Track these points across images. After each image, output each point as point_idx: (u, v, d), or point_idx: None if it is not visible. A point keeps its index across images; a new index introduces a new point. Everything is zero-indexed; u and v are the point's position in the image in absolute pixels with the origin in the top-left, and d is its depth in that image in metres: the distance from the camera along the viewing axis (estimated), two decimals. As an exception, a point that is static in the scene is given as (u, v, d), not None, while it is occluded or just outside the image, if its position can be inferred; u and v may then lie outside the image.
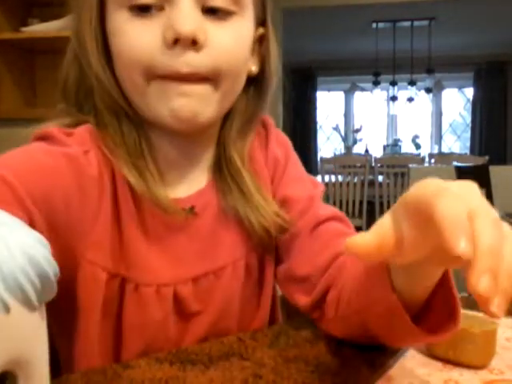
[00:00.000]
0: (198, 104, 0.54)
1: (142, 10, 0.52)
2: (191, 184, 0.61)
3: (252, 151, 0.65)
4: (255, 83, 0.63)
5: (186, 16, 0.51)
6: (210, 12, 0.53)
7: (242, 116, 0.63)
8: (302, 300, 0.61)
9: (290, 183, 0.66)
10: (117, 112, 0.57)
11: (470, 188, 0.35)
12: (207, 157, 0.63)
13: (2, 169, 0.48)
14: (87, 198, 0.53)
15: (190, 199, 0.60)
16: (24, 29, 1.95)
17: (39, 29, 1.93)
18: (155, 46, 0.52)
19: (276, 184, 0.66)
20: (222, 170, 0.62)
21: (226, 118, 0.62)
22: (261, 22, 0.61)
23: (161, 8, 0.52)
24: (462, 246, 0.30)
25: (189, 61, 0.52)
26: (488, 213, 0.32)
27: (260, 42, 0.62)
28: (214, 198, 0.62)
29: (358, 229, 0.88)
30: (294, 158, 0.70)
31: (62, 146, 0.53)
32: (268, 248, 0.65)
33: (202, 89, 0.54)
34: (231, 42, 0.54)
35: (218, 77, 0.54)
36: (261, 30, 0.61)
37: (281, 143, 0.69)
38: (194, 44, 0.51)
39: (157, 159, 0.59)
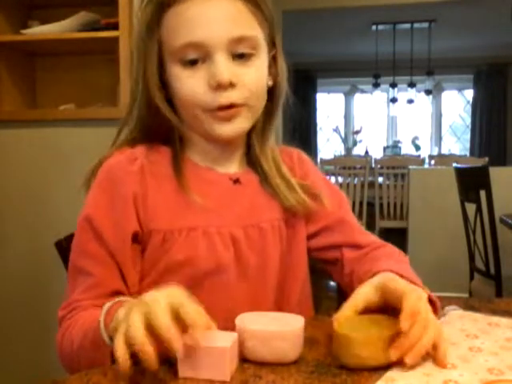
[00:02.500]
0: (236, 125, 0.76)
1: (190, 63, 0.74)
2: (241, 167, 0.84)
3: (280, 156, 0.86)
4: (269, 94, 0.81)
5: (223, 68, 0.72)
6: (237, 57, 0.74)
7: (261, 122, 0.83)
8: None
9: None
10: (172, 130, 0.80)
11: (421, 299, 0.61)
12: (239, 153, 0.84)
13: None
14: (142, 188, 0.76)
15: (236, 175, 0.82)
16: (24, 31, 1.94)
17: (39, 31, 1.93)
18: (202, 89, 0.74)
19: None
20: (252, 162, 0.84)
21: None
22: (272, 44, 0.80)
23: (203, 61, 0.74)
24: (404, 327, 0.55)
25: (227, 96, 0.73)
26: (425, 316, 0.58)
27: (273, 59, 0.81)
28: (255, 178, 0.83)
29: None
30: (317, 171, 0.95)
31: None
32: (296, 222, 0.84)
33: (241, 111, 0.75)
34: (254, 78, 0.76)
35: (248, 102, 0.76)
36: (273, 51, 0.81)
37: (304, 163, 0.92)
38: (230, 85, 0.73)
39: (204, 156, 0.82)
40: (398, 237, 4.46)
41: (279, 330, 0.57)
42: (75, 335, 0.68)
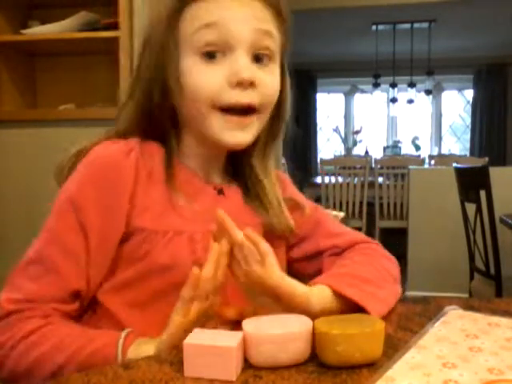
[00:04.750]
0: (248, 135, 0.73)
1: (209, 57, 0.70)
2: (223, 178, 0.81)
3: None
4: (275, 109, 0.78)
5: (246, 65, 0.70)
6: (255, 61, 0.72)
7: (263, 137, 0.80)
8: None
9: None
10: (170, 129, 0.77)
11: None
12: (222, 163, 0.81)
13: None
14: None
15: (220, 185, 0.79)
16: (24, 31, 1.95)
17: (39, 31, 1.93)
18: (220, 85, 0.70)
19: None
20: (245, 176, 0.81)
21: None
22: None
23: (223, 54, 0.70)
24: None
25: (247, 96, 0.70)
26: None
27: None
28: (239, 193, 0.81)
29: (358, 230, 0.89)
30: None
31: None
32: (275, 239, 0.79)
33: (251, 120, 0.72)
34: (272, 82, 0.74)
35: (263, 108, 0.73)
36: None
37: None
38: (251, 85, 0.70)
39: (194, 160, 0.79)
40: (398, 237, 4.46)
41: (296, 331, 0.56)
42: (51, 354, 0.63)
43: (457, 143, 7.44)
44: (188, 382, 0.53)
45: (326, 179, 4.68)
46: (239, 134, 0.72)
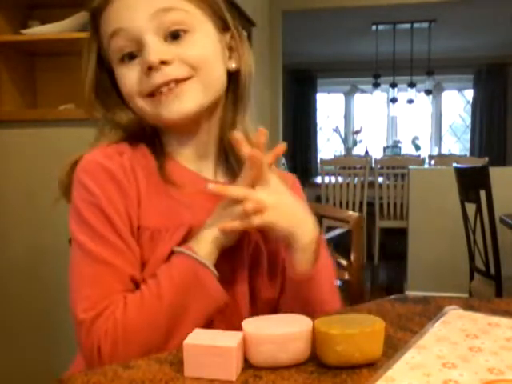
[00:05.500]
0: (186, 102, 0.73)
1: (129, 58, 0.74)
2: (209, 175, 0.80)
3: None
4: (236, 80, 0.80)
5: (151, 49, 0.71)
6: (172, 38, 0.73)
7: (231, 112, 0.80)
8: None
9: None
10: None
11: None
12: (213, 153, 0.81)
13: None
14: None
15: (217, 183, 0.79)
16: (24, 31, 1.94)
17: (39, 31, 1.93)
18: (138, 77, 0.73)
19: None
20: (230, 164, 0.82)
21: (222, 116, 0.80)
22: (224, 28, 0.79)
23: (139, 51, 0.73)
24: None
25: (164, 74, 0.72)
26: None
27: (232, 42, 0.80)
28: None
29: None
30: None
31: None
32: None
33: (188, 85, 0.73)
34: (194, 53, 0.73)
35: (195, 74, 0.73)
36: (228, 33, 0.79)
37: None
38: (164, 64, 0.71)
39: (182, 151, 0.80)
40: (398, 237, 4.47)
41: (296, 331, 0.56)
42: (155, 307, 0.66)
43: (457, 143, 7.44)
44: (188, 381, 0.53)
45: (326, 179, 4.68)
46: (175, 104, 0.73)
